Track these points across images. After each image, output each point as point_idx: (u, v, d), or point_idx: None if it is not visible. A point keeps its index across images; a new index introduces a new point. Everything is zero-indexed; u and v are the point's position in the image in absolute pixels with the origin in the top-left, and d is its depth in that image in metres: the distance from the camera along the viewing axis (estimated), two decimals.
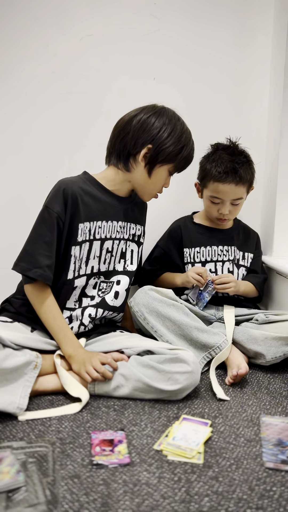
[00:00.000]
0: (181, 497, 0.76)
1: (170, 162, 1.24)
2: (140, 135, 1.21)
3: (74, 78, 1.58)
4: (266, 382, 1.24)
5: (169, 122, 1.21)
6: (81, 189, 1.23)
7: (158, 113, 1.22)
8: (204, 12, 1.63)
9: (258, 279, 1.60)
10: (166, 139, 1.20)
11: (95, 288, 1.29)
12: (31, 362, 1.08)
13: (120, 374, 1.11)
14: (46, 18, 1.54)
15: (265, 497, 0.77)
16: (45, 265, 1.17)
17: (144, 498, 0.76)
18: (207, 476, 0.82)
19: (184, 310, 1.34)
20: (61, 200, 1.19)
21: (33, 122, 1.60)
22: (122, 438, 0.93)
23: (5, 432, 0.95)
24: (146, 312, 1.32)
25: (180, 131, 1.22)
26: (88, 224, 1.24)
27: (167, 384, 1.08)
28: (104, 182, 1.29)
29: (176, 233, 1.58)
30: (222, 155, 1.47)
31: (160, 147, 1.21)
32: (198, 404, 1.10)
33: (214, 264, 1.55)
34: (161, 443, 0.92)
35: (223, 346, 1.29)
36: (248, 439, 0.95)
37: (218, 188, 1.47)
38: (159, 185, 1.29)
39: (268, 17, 1.66)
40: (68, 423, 1.00)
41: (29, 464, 0.82)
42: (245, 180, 1.47)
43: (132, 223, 1.35)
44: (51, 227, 1.18)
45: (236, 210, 1.53)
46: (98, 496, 0.76)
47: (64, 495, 0.76)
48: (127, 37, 1.60)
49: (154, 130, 1.20)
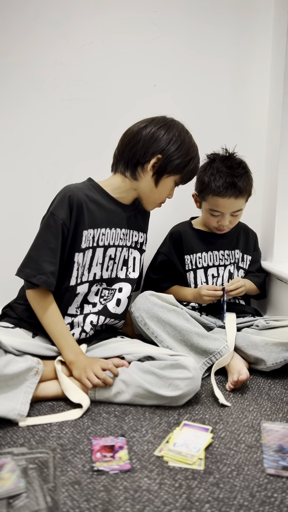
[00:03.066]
0: (182, 503, 0.76)
1: (178, 173, 1.26)
2: (151, 145, 1.23)
3: (75, 85, 1.60)
4: (267, 388, 1.24)
5: (179, 135, 1.24)
6: (86, 196, 1.24)
7: (169, 126, 1.25)
8: (204, 19, 1.64)
9: (258, 279, 1.61)
10: (175, 151, 1.23)
11: (97, 295, 1.30)
12: (33, 368, 1.08)
13: (121, 380, 1.11)
14: (48, 26, 1.55)
15: (266, 504, 0.76)
16: (49, 271, 1.17)
17: (145, 504, 0.76)
18: (208, 482, 0.82)
19: (185, 315, 1.34)
20: (67, 207, 1.19)
21: (34, 129, 1.60)
22: (123, 444, 0.93)
23: (5, 438, 0.95)
24: (147, 318, 1.32)
25: (188, 144, 1.25)
26: (92, 231, 1.25)
27: (168, 390, 1.08)
28: (110, 189, 1.30)
29: (176, 239, 1.58)
30: (220, 168, 1.44)
31: (169, 158, 1.23)
32: (199, 410, 1.10)
33: (216, 269, 1.55)
34: (162, 449, 0.92)
35: (223, 351, 1.29)
36: (249, 445, 0.95)
37: (218, 202, 1.45)
38: (164, 195, 1.31)
39: (268, 24, 1.68)
40: (69, 429, 0.99)
41: (30, 470, 0.82)
42: (244, 192, 1.46)
43: (135, 231, 1.36)
44: (56, 233, 1.18)
45: (235, 220, 1.52)
46: (99, 502, 0.76)
47: (64, 502, 0.76)
48: (128, 44, 1.62)
49: (165, 142, 1.23)
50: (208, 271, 1.55)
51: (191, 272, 1.54)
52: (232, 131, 1.71)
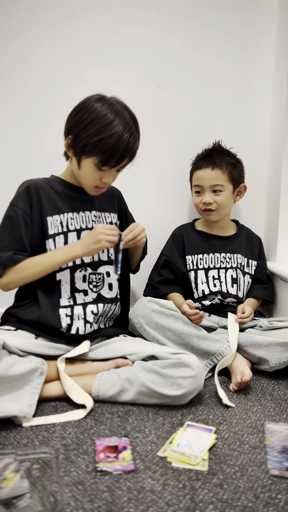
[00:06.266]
0: (185, 504, 0.76)
1: (91, 155, 1.19)
2: (66, 125, 1.23)
3: (79, 86, 1.59)
4: (271, 389, 1.24)
5: (89, 115, 1.17)
6: (45, 184, 1.27)
7: (83, 105, 1.20)
8: (207, 20, 1.64)
9: (267, 291, 1.59)
10: (82, 131, 1.17)
11: (85, 281, 1.29)
12: (37, 369, 1.08)
13: (125, 377, 1.12)
14: (50, 26, 1.55)
15: (270, 505, 0.76)
16: (12, 252, 1.21)
17: (149, 505, 0.76)
18: (211, 483, 0.82)
19: (184, 319, 1.34)
20: (25, 197, 1.23)
21: (37, 129, 1.61)
22: (126, 445, 0.93)
23: (9, 438, 0.95)
24: (145, 324, 1.33)
25: (99, 124, 1.15)
26: (57, 217, 1.26)
27: (171, 389, 1.08)
28: (68, 177, 1.31)
29: (179, 240, 1.58)
30: (204, 152, 1.59)
31: (77, 139, 1.19)
32: (202, 410, 1.10)
33: (217, 271, 1.55)
34: (165, 449, 0.92)
35: (225, 352, 1.28)
36: (252, 446, 0.94)
37: (197, 175, 1.54)
38: (90, 178, 1.24)
39: (271, 24, 1.67)
40: (72, 430, 0.99)
41: (34, 470, 0.82)
42: (221, 166, 1.50)
43: (106, 212, 1.37)
44: (18, 223, 1.21)
45: (220, 201, 1.52)
46: (103, 503, 0.76)
47: (68, 502, 0.76)
48: (131, 44, 1.61)
49: (73, 121, 1.21)
50: (208, 272, 1.54)
51: (192, 272, 1.54)
52: (235, 131, 1.71)
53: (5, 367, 1.01)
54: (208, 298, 1.52)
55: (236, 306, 1.52)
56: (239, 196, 1.59)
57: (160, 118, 1.67)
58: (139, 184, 1.69)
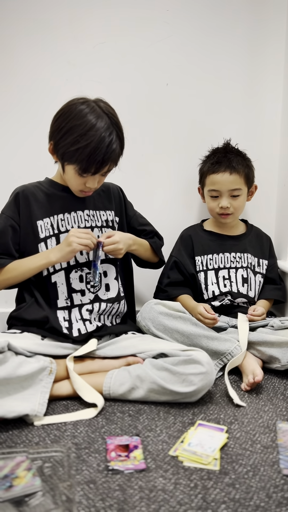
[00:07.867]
0: (197, 503, 0.76)
1: (70, 162, 1.19)
2: (49, 130, 1.23)
3: (88, 86, 1.60)
4: (282, 388, 1.23)
5: (69, 121, 1.15)
6: (35, 189, 1.30)
7: (68, 109, 1.18)
8: (217, 19, 1.63)
9: (279, 291, 1.58)
10: (61, 139, 1.17)
11: (82, 281, 1.29)
12: (46, 368, 1.08)
13: (136, 375, 1.11)
14: (60, 27, 1.56)
15: (283, 505, 0.75)
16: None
17: (161, 504, 0.75)
18: (223, 483, 0.81)
19: (192, 320, 1.33)
20: (13, 204, 1.27)
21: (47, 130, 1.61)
22: (138, 444, 0.93)
23: (21, 437, 0.96)
24: (153, 327, 1.32)
25: (77, 133, 1.14)
26: (48, 220, 1.27)
27: (182, 386, 1.08)
28: (60, 179, 1.32)
29: (187, 241, 1.58)
30: (216, 153, 1.54)
31: (57, 146, 1.20)
32: (214, 410, 1.09)
33: (228, 271, 1.54)
34: (177, 449, 0.92)
35: (235, 352, 1.28)
36: (264, 446, 0.94)
37: (214, 179, 1.50)
38: (74, 183, 1.24)
39: (281, 23, 1.65)
40: (84, 428, 1.00)
41: (45, 469, 0.82)
42: (239, 169, 1.49)
43: (102, 210, 1.36)
44: (6, 229, 1.25)
45: (237, 205, 1.52)
46: (114, 501, 0.76)
47: (80, 501, 0.76)
48: (140, 43, 1.61)
49: (54, 128, 1.21)
50: (219, 272, 1.53)
51: (201, 273, 1.53)
52: (246, 130, 1.70)
53: (12, 367, 1.01)
54: (218, 298, 1.51)
55: (246, 306, 1.51)
56: (250, 196, 1.59)
57: (168, 118, 1.67)
58: (148, 185, 1.70)
